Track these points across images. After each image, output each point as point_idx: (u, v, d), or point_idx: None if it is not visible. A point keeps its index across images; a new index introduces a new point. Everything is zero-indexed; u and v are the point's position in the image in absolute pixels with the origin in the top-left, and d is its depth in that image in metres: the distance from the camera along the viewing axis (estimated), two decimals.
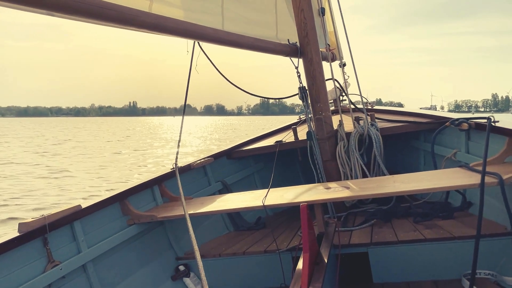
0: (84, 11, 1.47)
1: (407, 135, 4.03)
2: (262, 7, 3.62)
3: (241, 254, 2.84)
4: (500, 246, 2.38)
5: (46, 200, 9.10)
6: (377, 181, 2.74)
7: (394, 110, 4.39)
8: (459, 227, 2.63)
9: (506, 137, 2.57)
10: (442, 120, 3.37)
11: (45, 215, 2.14)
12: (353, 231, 2.91)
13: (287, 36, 3.62)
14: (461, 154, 3.16)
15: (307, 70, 3.44)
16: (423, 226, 2.76)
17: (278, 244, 2.83)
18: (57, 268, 2.09)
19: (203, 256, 2.89)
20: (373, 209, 3.36)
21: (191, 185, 3.37)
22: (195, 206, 2.80)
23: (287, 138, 4.00)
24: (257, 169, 4.26)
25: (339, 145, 3.43)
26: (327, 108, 3.47)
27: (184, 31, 2.20)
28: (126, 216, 2.68)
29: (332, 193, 2.56)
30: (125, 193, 2.70)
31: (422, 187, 2.39)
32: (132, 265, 2.62)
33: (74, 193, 9.83)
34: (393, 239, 2.61)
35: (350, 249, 2.66)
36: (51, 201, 8.84)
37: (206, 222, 3.34)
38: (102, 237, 2.46)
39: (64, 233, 2.24)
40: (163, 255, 2.87)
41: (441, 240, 2.51)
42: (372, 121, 3.59)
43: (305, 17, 3.38)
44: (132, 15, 1.74)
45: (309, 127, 3.45)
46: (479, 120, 2.89)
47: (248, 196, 2.91)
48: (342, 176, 3.43)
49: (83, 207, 2.37)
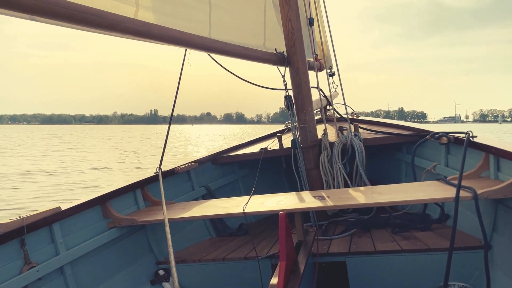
0: (66, 16, 1.48)
1: (389, 146, 4.09)
2: (251, 15, 3.66)
3: (221, 260, 2.85)
4: (474, 259, 2.42)
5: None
6: (357, 191, 2.77)
7: (378, 121, 4.45)
8: (436, 239, 2.68)
9: (483, 152, 2.63)
10: (423, 133, 3.43)
11: (23, 216, 2.13)
12: (333, 240, 2.94)
13: (275, 45, 3.66)
14: (441, 167, 3.22)
15: (293, 79, 3.48)
16: (401, 237, 2.80)
17: (258, 251, 2.85)
18: (34, 270, 2.08)
19: (184, 261, 2.90)
20: (354, 218, 3.40)
21: (174, 189, 3.37)
22: (177, 211, 2.81)
23: (272, 146, 4.03)
24: (241, 175, 4.28)
25: (323, 154, 3.47)
26: (312, 117, 3.51)
27: (170, 38, 2.22)
28: (106, 219, 2.68)
29: (312, 203, 2.58)
30: (106, 196, 2.70)
31: (399, 199, 2.43)
32: (111, 268, 2.61)
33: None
34: (371, 249, 2.64)
35: (328, 258, 2.69)
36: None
37: (189, 226, 3.34)
38: (81, 239, 2.45)
39: (42, 234, 2.23)
40: (143, 259, 2.87)
41: (417, 251, 2.55)
42: (355, 131, 3.64)
43: (293, 27, 3.43)
44: (115, 21, 1.76)
45: (293, 136, 3.49)
46: (458, 134, 2.95)
47: (230, 202, 2.92)
48: (325, 185, 3.47)
49: (62, 209, 2.36)
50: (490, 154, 2.57)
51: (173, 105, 3.23)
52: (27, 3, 1.33)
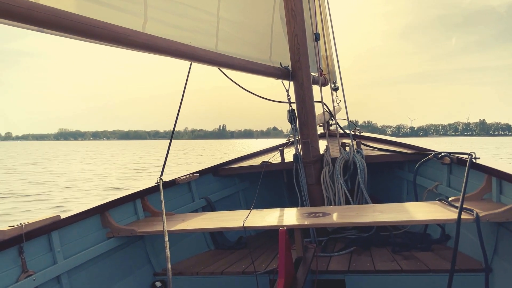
0: (72, 29, 1.50)
1: (391, 164, 4.08)
2: (258, 29, 3.68)
3: (219, 273, 2.83)
4: (474, 282, 2.40)
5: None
6: (358, 209, 2.76)
7: (381, 138, 4.44)
8: (436, 259, 2.66)
9: (486, 174, 2.61)
10: (426, 152, 3.42)
11: (22, 224, 2.13)
12: (332, 257, 2.92)
13: (280, 59, 3.68)
14: (443, 187, 3.20)
15: (297, 94, 3.49)
16: (401, 257, 2.78)
17: (256, 266, 2.83)
18: (31, 278, 2.08)
19: (181, 273, 2.88)
20: (354, 235, 3.37)
21: (174, 200, 3.37)
22: (176, 223, 2.80)
23: (274, 159, 4.03)
24: (242, 187, 4.26)
25: (324, 170, 3.46)
26: (315, 133, 3.51)
27: (175, 51, 2.23)
28: (105, 228, 2.67)
29: (313, 219, 2.57)
30: (106, 206, 2.69)
31: (400, 219, 2.42)
32: (108, 278, 2.60)
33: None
34: (370, 268, 2.62)
35: (328, 276, 2.67)
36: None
37: (187, 238, 3.33)
38: (79, 248, 2.45)
39: (40, 243, 2.23)
40: (141, 270, 2.86)
41: (416, 272, 2.53)
42: (358, 148, 3.63)
43: (299, 42, 3.45)
44: (121, 34, 1.78)
45: (296, 150, 3.49)
46: (461, 155, 2.94)
47: (230, 215, 2.91)
48: (326, 201, 3.45)
49: (62, 218, 2.36)
50: (492, 177, 2.56)
51: (176, 117, 3.16)
52: (35, 16, 1.34)
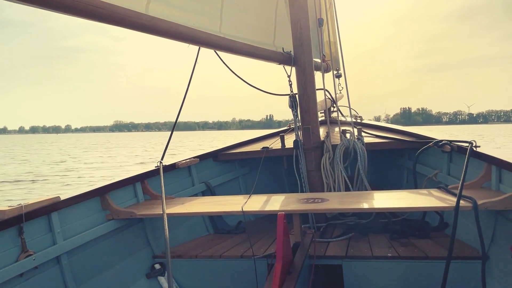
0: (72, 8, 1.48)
1: (392, 152, 4.08)
2: (262, 12, 3.64)
3: (217, 257, 2.85)
4: (471, 270, 2.42)
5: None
6: (357, 196, 2.77)
7: (382, 126, 4.43)
8: (433, 247, 2.67)
9: (485, 163, 2.61)
10: (426, 140, 3.41)
11: (22, 204, 2.14)
12: (330, 242, 2.94)
13: (284, 43, 3.64)
14: (442, 175, 3.20)
15: (299, 80, 3.46)
16: (399, 243, 2.80)
17: (255, 250, 2.85)
18: (30, 258, 2.10)
19: (180, 256, 2.91)
20: (352, 222, 3.39)
21: (174, 184, 3.38)
22: (176, 206, 2.82)
23: (274, 145, 4.02)
24: (242, 173, 4.27)
25: (325, 156, 3.46)
26: (316, 119, 3.50)
27: (176, 34, 2.21)
28: (105, 211, 2.69)
29: (311, 205, 2.58)
30: (106, 188, 2.70)
31: (399, 206, 2.43)
32: (107, 260, 2.62)
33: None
34: (368, 254, 2.64)
35: (325, 261, 2.69)
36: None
37: (187, 222, 3.35)
38: (79, 230, 2.46)
39: (40, 223, 2.24)
40: (140, 252, 2.88)
41: (414, 259, 2.54)
42: (358, 135, 3.63)
43: (302, 27, 3.41)
44: (123, 15, 1.76)
45: (296, 136, 3.48)
46: (462, 143, 2.93)
47: (230, 200, 2.93)
48: (325, 187, 3.46)
49: (62, 199, 2.37)
50: (492, 165, 2.56)
51: (181, 104, 3.12)
52: None
